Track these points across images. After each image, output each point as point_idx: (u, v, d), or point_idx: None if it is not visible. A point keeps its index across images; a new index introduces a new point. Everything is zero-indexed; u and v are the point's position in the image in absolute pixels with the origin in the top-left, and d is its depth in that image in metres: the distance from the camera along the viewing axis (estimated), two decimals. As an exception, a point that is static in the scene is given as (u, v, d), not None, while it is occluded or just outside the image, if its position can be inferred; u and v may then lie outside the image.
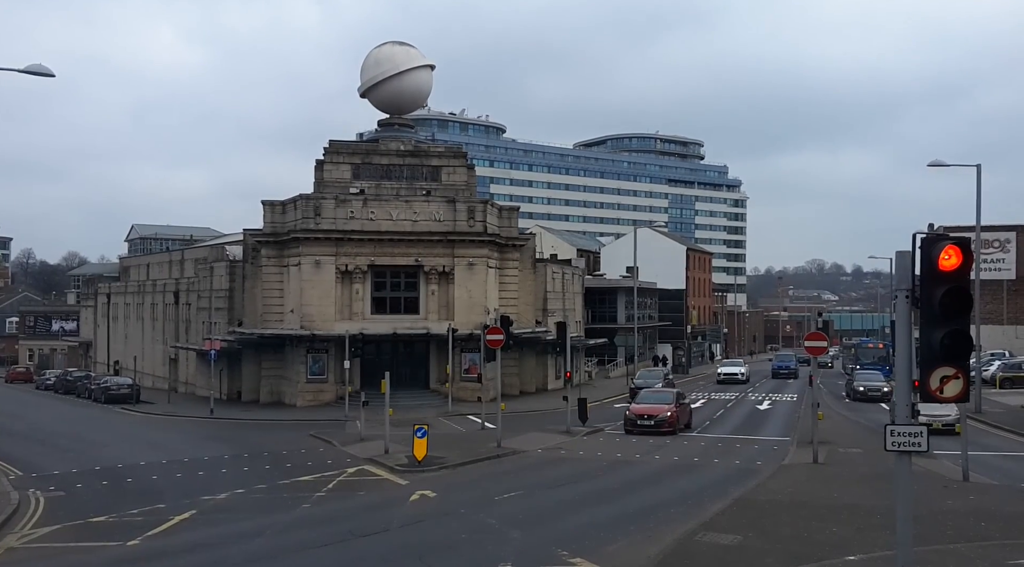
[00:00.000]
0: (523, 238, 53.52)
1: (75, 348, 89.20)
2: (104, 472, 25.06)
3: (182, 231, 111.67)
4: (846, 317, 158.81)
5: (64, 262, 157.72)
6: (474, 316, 46.06)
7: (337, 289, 46.38)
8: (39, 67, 18.38)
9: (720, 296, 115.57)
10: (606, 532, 15.97)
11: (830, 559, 13.41)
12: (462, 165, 50.60)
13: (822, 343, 27.30)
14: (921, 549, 12.62)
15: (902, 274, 9.82)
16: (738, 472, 23.48)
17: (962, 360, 9.41)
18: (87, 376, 62.04)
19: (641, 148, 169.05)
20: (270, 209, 48.63)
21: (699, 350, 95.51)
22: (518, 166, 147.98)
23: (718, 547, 14.19)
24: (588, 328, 65.07)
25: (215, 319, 50.88)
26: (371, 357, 43.60)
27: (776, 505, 17.83)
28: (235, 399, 48.60)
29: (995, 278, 64.77)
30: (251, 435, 34.66)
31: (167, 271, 65.33)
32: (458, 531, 16.27)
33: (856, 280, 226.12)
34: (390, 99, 51.70)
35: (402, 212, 46.90)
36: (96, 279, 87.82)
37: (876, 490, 19.49)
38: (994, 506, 17.98)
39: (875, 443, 24.65)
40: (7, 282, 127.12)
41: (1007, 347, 63.00)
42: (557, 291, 55.76)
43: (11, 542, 16.50)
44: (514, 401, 43.12)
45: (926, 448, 9.78)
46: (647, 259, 70.95)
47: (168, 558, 14.95)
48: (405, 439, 26.43)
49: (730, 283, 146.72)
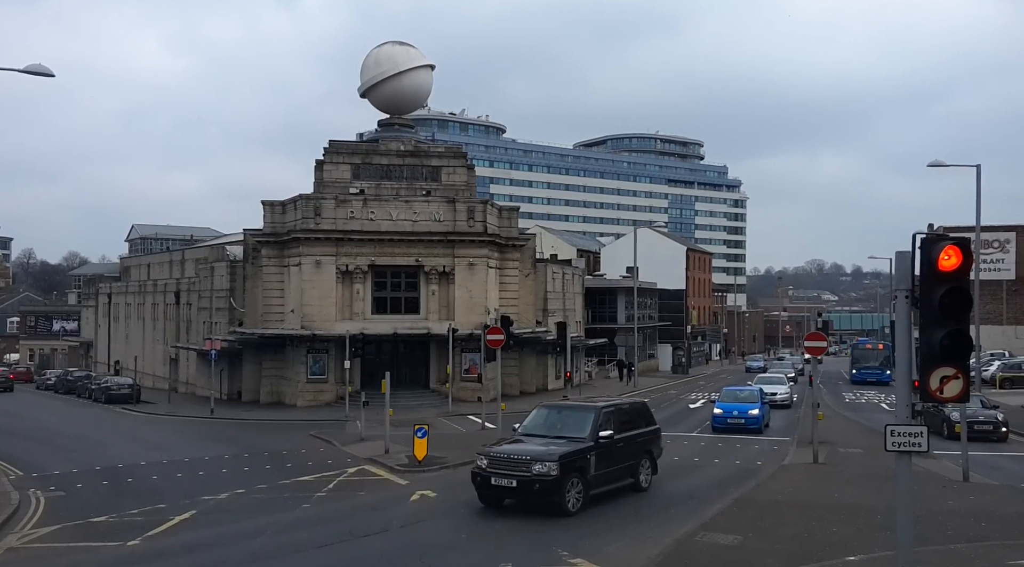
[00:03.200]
0: (523, 238, 53.52)
1: (75, 348, 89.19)
2: (104, 472, 25.05)
3: (182, 231, 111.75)
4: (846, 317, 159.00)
5: (65, 262, 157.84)
6: (474, 316, 46.06)
7: (337, 289, 46.39)
8: (39, 67, 18.42)
9: (720, 296, 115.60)
10: (606, 532, 15.97)
11: (830, 559, 13.40)
12: (462, 165, 50.61)
13: (822, 343, 27.27)
14: (921, 549, 12.62)
15: (902, 274, 9.83)
16: (738, 472, 23.46)
17: (962, 360, 9.42)
18: (87, 376, 62.06)
19: (641, 148, 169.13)
20: (270, 209, 48.63)
21: (699, 350, 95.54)
22: (518, 166, 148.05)
23: (718, 547, 14.19)
24: (588, 328, 65.10)
25: (215, 319, 50.91)
26: (371, 357, 43.61)
27: (776, 505, 17.82)
28: (235, 399, 48.61)
29: (995, 278, 64.86)
30: (251, 435, 34.65)
31: (168, 271, 65.35)
32: (458, 531, 16.27)
33: (856, 280, 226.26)
34: (390, 99, 51.73)
35: (402, 212, 46.91)
36: (97, 279, 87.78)
37: (876, 490, 19.48)
38: (994, 506, 17.97)
39: (875, 443, 24.65)
40: (8, 282, 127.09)
41: (1007, 347, 63.05)
42: (557, 291, 55.76)
43: (11, 542, 16.50)
44: (514, 401, 43.08)
45: (926, 448, 9.79)
46: (647, 259, 70.98)
47: (168, 558, 14.94)
48: (405, 439, 26.44)
49: (730, 283, 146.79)
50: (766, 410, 34.61)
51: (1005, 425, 30.74)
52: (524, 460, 17.03)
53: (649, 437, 20.34)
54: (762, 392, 35.74)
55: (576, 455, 17.38)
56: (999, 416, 31.04)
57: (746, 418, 32.51)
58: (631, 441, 19.34)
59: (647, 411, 21.39)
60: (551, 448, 17.36)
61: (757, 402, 33.50)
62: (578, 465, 17.33)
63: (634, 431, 19.67)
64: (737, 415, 32.76)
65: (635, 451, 19.46)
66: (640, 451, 19.71)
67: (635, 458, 19.45)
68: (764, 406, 33.93)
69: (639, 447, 19.71)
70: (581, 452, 17.53)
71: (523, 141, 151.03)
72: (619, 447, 18.69)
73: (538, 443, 17.90)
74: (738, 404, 33.47)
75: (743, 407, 33.17)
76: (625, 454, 19.01)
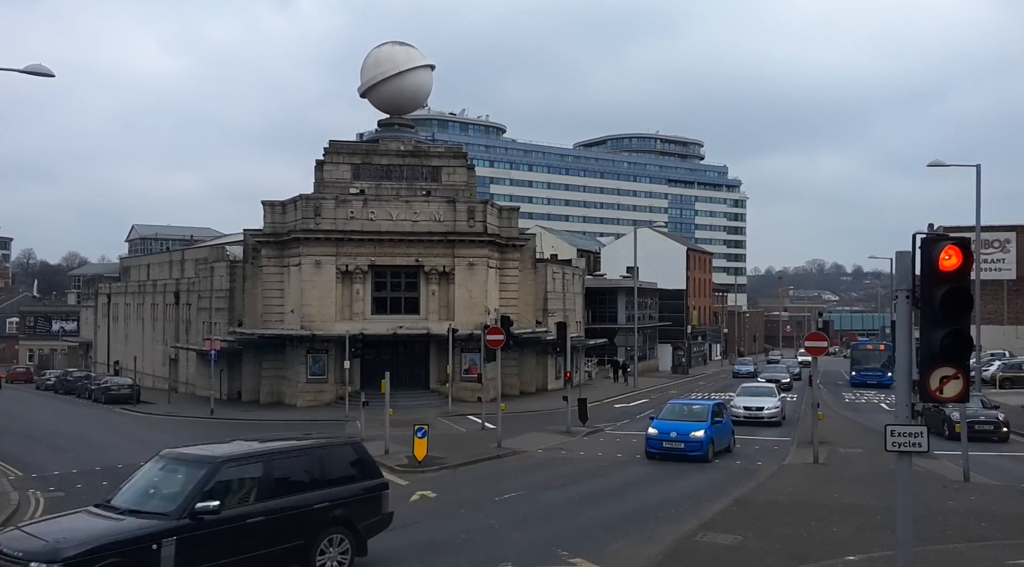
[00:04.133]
0: (523, 238, 53.52)
1: (75, 348, 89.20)
2: (104, 472, 25.03)
3: (182, 231, 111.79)
4: (846, 317, 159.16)
5: (64, 262, 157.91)
6: (474, 316, 46.06)
7: (337, 289, 46.38)
8: (39, 67, 18.42)
9: (720, 296, 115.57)
10: (606, 532, 15.96)
11: (830, 559, 13.39)
12: (462, 165, 50.61)
13: (822, 343, 27.25)
14: (921, 549, 12.62)
15: (902, 274, 9.81)
16: (738, 472, 23.45)
17: (962, 360, 9.40)
18: (87, 376, 62.07)
19: (641, 148, 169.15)
20: (270, 209, 48.64)
21: (699, 350, 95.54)
22: (518, 166, 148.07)
23: (718, 547, 14.17)
24: (588, 328, 65.10)
25: (215, 319, 50.91)
26: (371, 357, 43.60)
27: (776, 505, 17.81)
28: (235, 399, 48.61)
29: (995, 278, 64.83)
30: (251, 435, 34.56)
31: (167, 271, 65.35)
32: (458, 531, 16.25)
33: (856, 280, 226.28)
34: (390, 99, 51.75)
35: (402, 212, 46.91)
36: (96, 279, 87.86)
37: (876, 490, 19.48)
38: (994, 506, 17.96)
39: (875, 443, 24.63)
40: (7, 282, 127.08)
41: (1007, 347, 63.01)
42: (557, 291, 55.74)
43: (11, 542, 16.46)
44: (514, 401, 43.10)
45: (926, 448, 9.77)
46: (647, 259, 70.97)
47: (168, 558, 14.88)
48: (405, 439, 26.43)
49: (730, 283, 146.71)
50: (728, 429, 27.89)
51: (1006, 425, 30.74)
52: (14, 559, 10.14)
53: (345, 501, 12.99)
54: (719, 408, 27.71)
55: (118, 549, 10.32)
56: (1000, 416, 31.01)
57: (686, 442, 25.16)
58: (289, 514, 12.17)
59: (353, 455, 13.77)
60: (79, 534, 10.52)
61: (705, 421, 25.89)
62: None
63: (304, 495, 12.52)
64: (675, 437, 25.39)
65: (300, 528, 12.30)
66: (318, 526, 12.50)
67: (302, 538, 12.31)
68: (718, 426, 26.41)
69: (315, 519, 12.48)
70: (137, 541, 10.53)
71: (523, 141, 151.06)
72: (251, 526, 11.70)
73: (88, 523, 11.10)
74: (680, 422, 26.14)
75: (684, 427, 25.73)
76: (271, 535, 11.89)
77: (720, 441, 26.52)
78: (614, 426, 34.64)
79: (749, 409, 34.72)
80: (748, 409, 34.78)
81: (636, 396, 52.03)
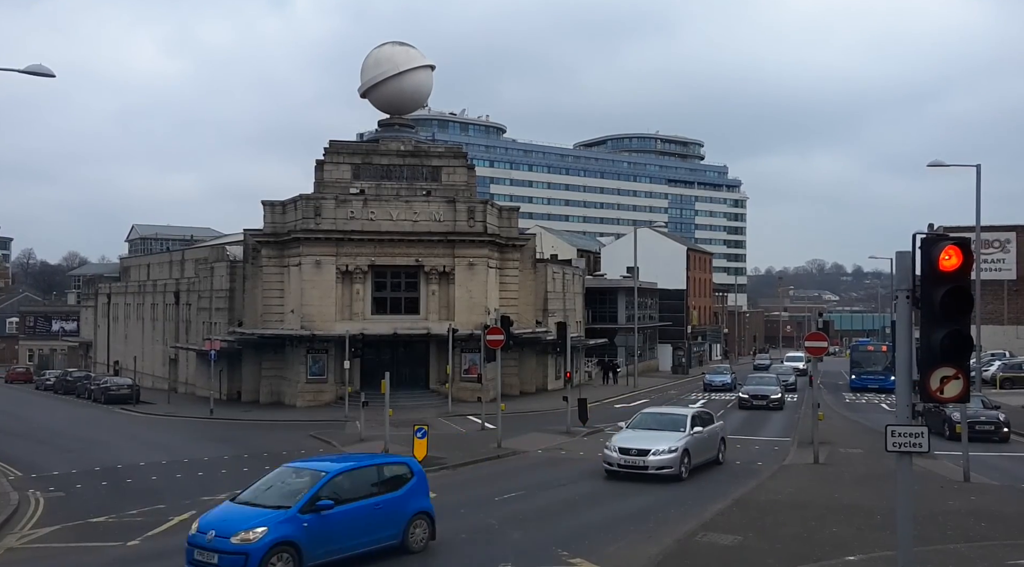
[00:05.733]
0: (523, 238, 53.50)
1: (75, 348, 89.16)
2: (104, 472, 25.04)
3: (182, 231, 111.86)
4: (847, 317, 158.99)
5: (64, 262, 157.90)
6: (474, 316, 46.05)
7: (337, 289, 46.36)
8: (39, 67, 18.40)
9: (720, 296, 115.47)
10: (606, 532, 15.96)
11: (830, 559, 13.40)
12: (462, 165, 50.59)
13: (822, 343, 27.24)
14: (921, 549, 12.61)
15: (902, 274, 9.81)
16: (738, 472, 23.45)
17: (962, 360, 9.40)
18: (87, 376, 62.03)
19: (641, 148, 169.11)
20: (270, 209, 48.62)
21: (699, 350, 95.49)
22: (518, 166, 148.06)
23: (718, 547, 14.17)
24: (588, 328, 65.06)
25: (215, 319, 50.90)
26: (371, 357, 43.55)
27: (776, 505, 17.81)
28: (235, 399, 48.59)
29: (995, 278, 64.79)
30: (251, 435, 34.63)
31: (167, 271, 65.33)
32: (458, 531, 16.24)
33: (857, 280, 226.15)
34: (390, 99, 51.72)
35: (402, 212, 46.89)
36: (96, 279, 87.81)
37: (876, 490, 19.48)
38: (995, 506, 17.96)
39: (875, 443, 24.63)
40: (7, 282, 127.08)
41: (1007, 347, 62.97)
42: (557, 291, 55.73)
43: (11, 542, 16.49)
44: (514, 401, 43.10)
45: (927, 449, 9.78)
46: (647, 259, 70.92)
47: (168, 558, 14.91)
48: (405, 439, 26.43)
49: (730, 283, 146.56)
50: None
51: (1006, 425, 30.73)
52: None
53: None
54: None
55: None
56: (1000, 416, 30.98)
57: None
58: None
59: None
60: None
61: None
62: None
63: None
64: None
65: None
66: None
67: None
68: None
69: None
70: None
71: (523, 141, 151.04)
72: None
73: None
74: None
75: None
76: None
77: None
78: (614, 426, 34.54)
79: (626, 453, 22.21)
80: (625, 453, 22.24)
81: (636, 396, 52.02)
